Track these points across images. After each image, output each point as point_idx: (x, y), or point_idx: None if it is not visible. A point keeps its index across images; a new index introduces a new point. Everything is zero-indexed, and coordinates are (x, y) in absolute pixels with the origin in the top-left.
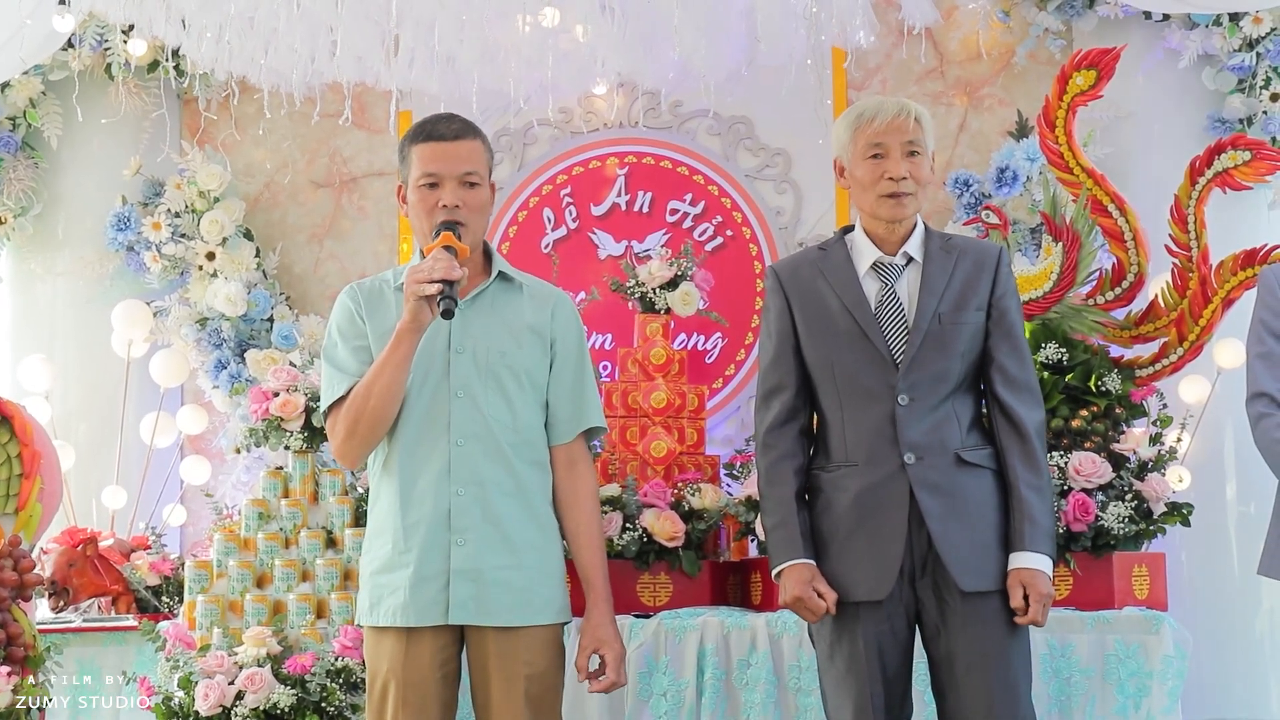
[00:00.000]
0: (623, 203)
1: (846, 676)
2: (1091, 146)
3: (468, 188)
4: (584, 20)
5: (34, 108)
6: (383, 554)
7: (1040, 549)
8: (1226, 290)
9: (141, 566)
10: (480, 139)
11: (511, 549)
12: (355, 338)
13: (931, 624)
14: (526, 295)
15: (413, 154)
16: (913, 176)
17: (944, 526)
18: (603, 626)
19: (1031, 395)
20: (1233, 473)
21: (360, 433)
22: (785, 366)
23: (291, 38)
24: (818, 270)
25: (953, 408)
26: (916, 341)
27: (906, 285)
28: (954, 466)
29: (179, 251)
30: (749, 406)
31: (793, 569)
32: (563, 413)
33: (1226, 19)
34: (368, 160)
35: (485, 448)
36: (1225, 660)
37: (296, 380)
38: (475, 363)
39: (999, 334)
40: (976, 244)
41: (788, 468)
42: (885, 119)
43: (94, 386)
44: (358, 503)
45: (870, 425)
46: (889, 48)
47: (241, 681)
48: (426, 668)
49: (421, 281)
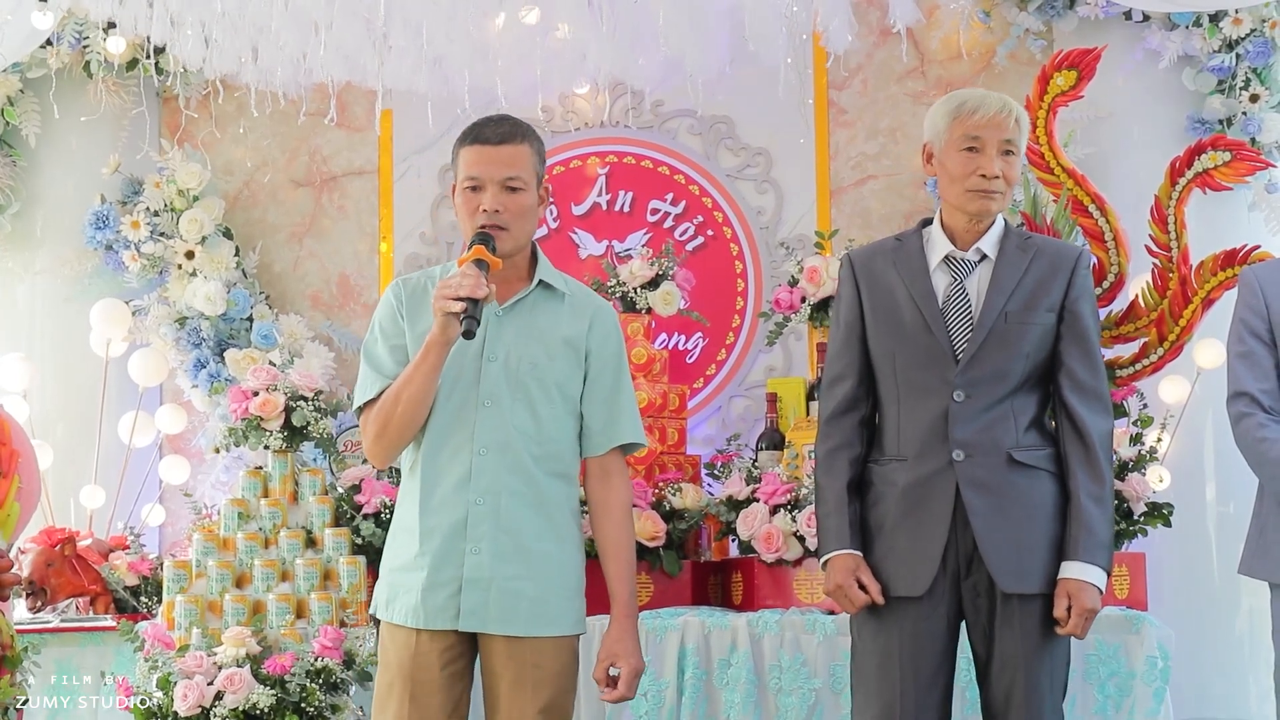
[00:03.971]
0: (603, 202)
1: (877, 672)
2: (1072, 146)
3: (509, 192)
4: (572, 20)
5: (11, 105)
6: (403, 553)
7: (1093, 560)
8: (1207, 290)
9: (120, 566)
10: (527, 142)
11: (526, 559)
12: (394, 336)
13: (974, 622)
14: (567, 305)
15: (460, 156)
16: (1005, 176)
17: (988, 525)
18: (622, 640)
19: (1100, 402)
20: (1212, 472)
21: (389, 435)
22: (849, 356)
23: (279, 36)
24: (891, 261)
25: (1011, 407)
26: (979, 339)
27: (977, 281)
28: (1005, 466)
29: (158, 250)
30: (730, 406)
31: (838, 558)
32: (596, 425)
33: (1206, 20)
34: (348, 159)
35: (506, 458)
36: (1205, 660)
37: (276, 379)
38: (505, 372)
39: (1070, 337)
40: (1056, 245)
41: (843, 457)
42: (987, 114)
43: (72, 385)
44: (337, 502)
45: (924, 420)
46: (870, 47)
47: (221, 682)
48: (434, 666)
49: (448, 298)
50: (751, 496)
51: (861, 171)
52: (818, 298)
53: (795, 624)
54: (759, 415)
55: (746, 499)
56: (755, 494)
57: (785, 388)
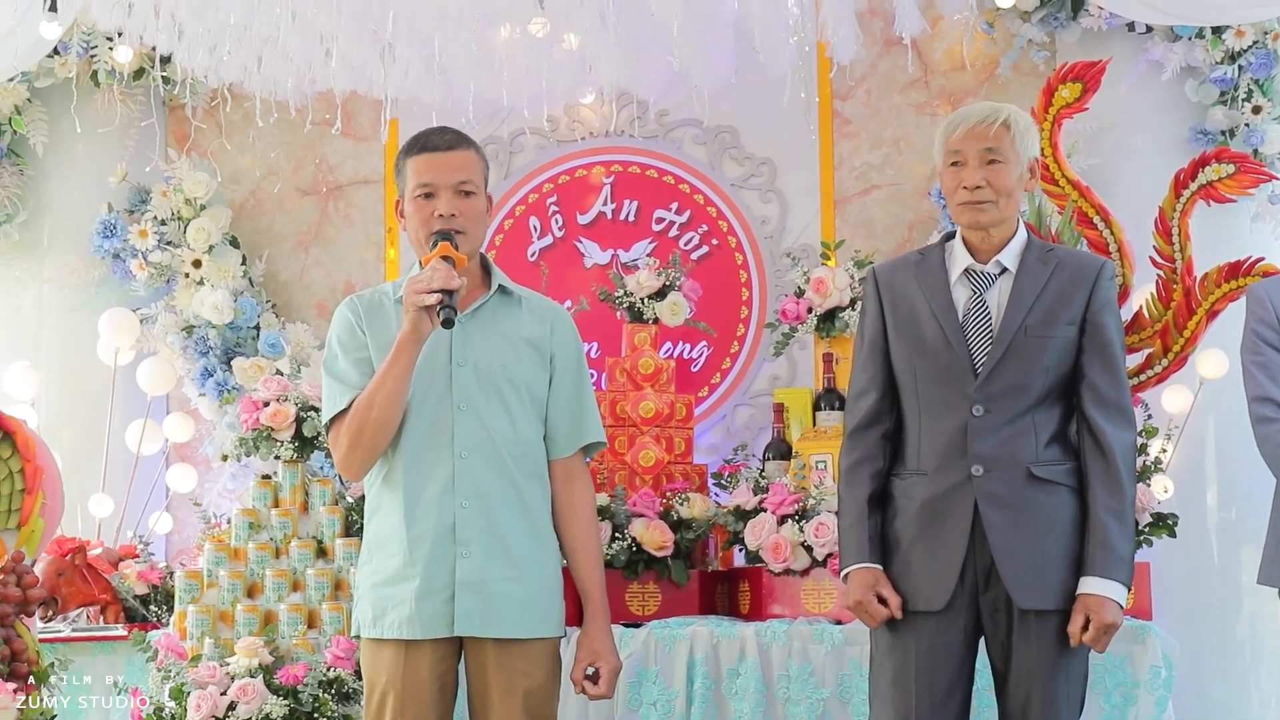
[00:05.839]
0: (609, 211)
1: (893, 686)
2: (1075, 157)
3: (463, 197)
4: (581, 32)
5: (19, 115)
6: (388, 566)
7: (1112, 575)
8: (1211, 302)
9: (130, 575)
10: (474, 149)
11: (513, 561)
12: (356, 349)
13: (992, 637)
14: (525, 309)
15: (408, 166)
16: (991, 185)
17: (1006, 541)
18: (599, 640)
19: (1122, 415)
20: (1213, 479)
21: (363, 444)
22: (873, 370)
23: (287, 46)
24: (913, 275)
25: (1032, 421)
26: (998, 353)
27: (997, 295)
28: (1024, 481)
29: (165, 259)
30: (734, 415)
31: (858, 572)
32: (561, 427)
33: (1209, 32)
34: (353, 168)
35: (488, 460)
36: (1206, 665)
37: (287, 390)
38: (477, 375)
39: (1092, 350)
40: (1079, 256)
41: (865, 471)
42: (966, 127)
43: (79, 394)
44: (348, 512)
45: (944, 434)
46: (874, 58)
47: (234, 692)
48: (425, 678)
49: (421, 292)
50: (759, 507)
51: (865, 181)
52: (824, 308)
53: (803, 634)
54: (763, 424)
55: (754, 509)
56: (763, 504)
57: (792, 398)
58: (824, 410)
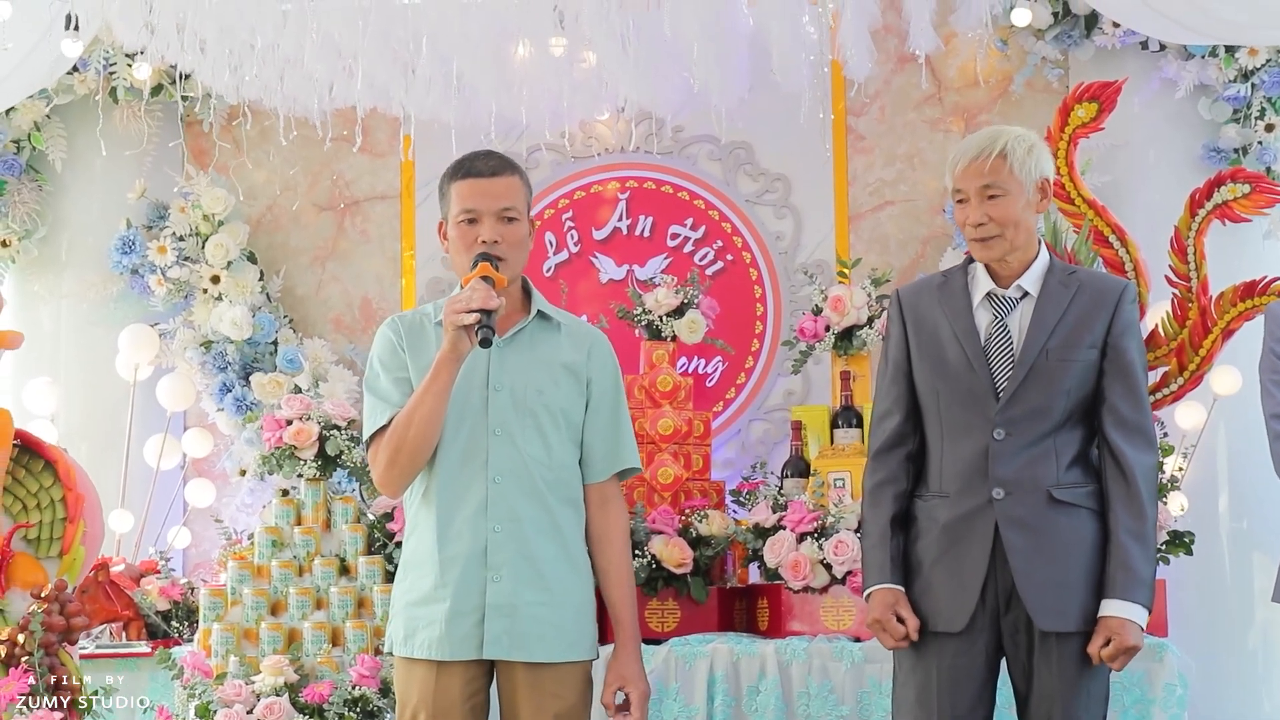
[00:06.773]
0: (624, 227)
1: (915, 706)
2: (1088, 174)
3: (506, 223)
4: (600, 51)
5: (38, 131)
6: (420, 587)
7: (1133, 598)
8: (1226, 321)
9: (151, 591)
10: (518, 174)
11: (545, 585)
12: (397, 369)
13: (1014, 658)
14: (564, 334)
15: (452, 191)
16: (994, 219)
17: (1027, 564)
18: (629, 665)
19: (1143, 438)
20: (1225, 489)
21: (401, 462)
22: (896, 392)
23: (310, 65)
24: (936, 298)
25: (1054, 444)
26: (1020, 376)
27: (1019, 318)
28: (1045, 504)
29: (183, 275)
30: (749, 429)
31: (879, 592)
32: (598, 452)
33: (1223, 50)
34: (370, 184)
35: (522, 485)
36: (1218, 675)
37: (310, 408)
38: (513, 400)
39: (1113, 373)
40: (1100, 279)
41: (888, 492)
42: (963, 164)
43: (98, 409)
44: (370, 530)
45: (965, 457)
46: (888, 74)
47: (260, 710)
48: (456, 699)
49: (460, 311)
50: (778, 524)
51: (879, 197)
52: (842, 326)
53: (823, 651)
54: (779, 439)
55: (773, 526)
56: (782, 522)
57: (810, 415)
58: (842, 428)
